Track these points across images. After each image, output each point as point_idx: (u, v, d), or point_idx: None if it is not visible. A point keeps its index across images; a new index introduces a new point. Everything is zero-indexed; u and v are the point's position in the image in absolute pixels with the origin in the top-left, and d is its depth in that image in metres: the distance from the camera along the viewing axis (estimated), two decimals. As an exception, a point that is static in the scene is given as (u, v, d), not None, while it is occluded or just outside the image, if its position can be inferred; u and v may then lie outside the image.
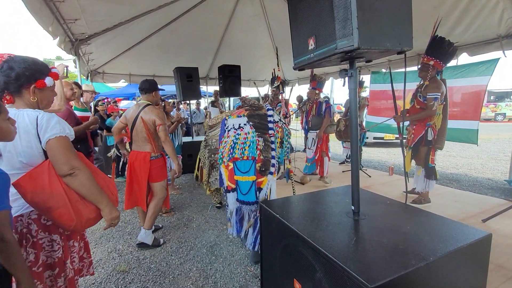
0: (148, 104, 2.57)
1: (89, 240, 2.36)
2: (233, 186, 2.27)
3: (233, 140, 2.25)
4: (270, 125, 2.26)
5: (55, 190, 1.15)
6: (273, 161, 2.24)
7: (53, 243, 1.26)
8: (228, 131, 2.32)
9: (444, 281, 1.12)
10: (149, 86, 2.60)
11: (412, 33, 1.20)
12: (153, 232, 2.73)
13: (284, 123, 2.41)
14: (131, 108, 2.64)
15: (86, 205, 1.22)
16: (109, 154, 3.20)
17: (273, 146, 2.25)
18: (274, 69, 2.53)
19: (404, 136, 3.05)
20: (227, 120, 2.37)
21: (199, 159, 3.23)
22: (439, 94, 2.87)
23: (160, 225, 3.05)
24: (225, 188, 2.33)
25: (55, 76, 1.27)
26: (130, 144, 2.66)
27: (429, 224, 1.39)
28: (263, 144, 2.22)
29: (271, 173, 2.23)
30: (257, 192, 2.23)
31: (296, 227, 1.35)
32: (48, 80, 1.23)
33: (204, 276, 2.14)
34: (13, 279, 0.97)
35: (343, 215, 1.50)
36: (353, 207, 1.46)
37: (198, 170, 3.39)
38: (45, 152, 1.19)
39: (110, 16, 3.96)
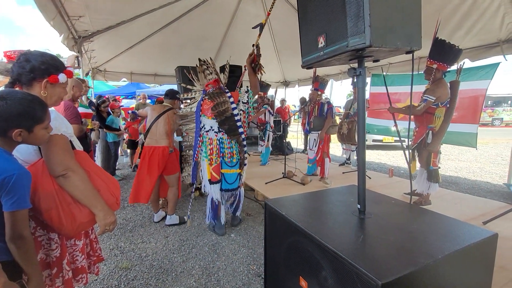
0: (171, 108, 3.01)
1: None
2: (218, 177, 2.63)
3: (219, 144, 2.60)
4: (239, 123, 2.57)
5: (47, 192, 1.09)
6: (246, 155, 2.75)
7: (51, 242, 1.21)
8: (207, 131, 2.62)
9: (452, 279, 1.13)
10: (173, 93, 3.14)
11: (421, 32, 1.21)
12: (177, 224, 3.03)
13: (246, 102, 2.65)
14: (157, 106, 3.11)
15: (80, 208, 1.15)
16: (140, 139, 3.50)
17: (244, 143, 2.67)
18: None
19: (403, 138, 3.20)
20: (201, 118, 2.62)
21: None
22: (433, 98, 2.93)
23: (186, 217, 3.11)
24: (209, 180, 2.65)
25: (69, 74, 1.23)
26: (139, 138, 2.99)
27: (435, 224, 1.40)
28: (238, 150, 2.65)
29: (245, 165, 2.76)
30: (240, 179, 2.75)
31: (302, 225, 1.35)
32: (62, 77, 1.19)
33: (207, 274, 2.13)
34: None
35: (348, 214, 1.50)
36: (359, 206, 1.46)
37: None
38: (40, 150, 1.13)
39: (113, 14, 3.96)
